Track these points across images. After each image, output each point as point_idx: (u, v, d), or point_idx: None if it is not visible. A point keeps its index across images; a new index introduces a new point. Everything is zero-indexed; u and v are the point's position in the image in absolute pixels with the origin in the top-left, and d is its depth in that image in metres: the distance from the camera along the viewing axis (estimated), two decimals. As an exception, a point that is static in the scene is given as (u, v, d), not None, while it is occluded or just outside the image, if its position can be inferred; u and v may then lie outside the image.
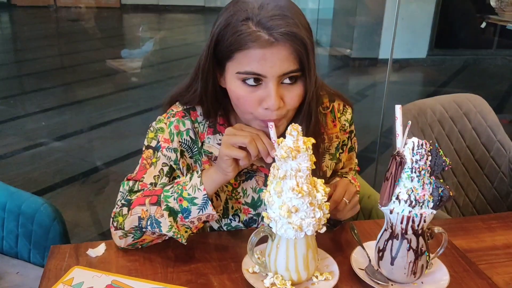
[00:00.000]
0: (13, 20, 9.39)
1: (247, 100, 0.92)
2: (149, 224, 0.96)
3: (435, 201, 0.87)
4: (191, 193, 0.94)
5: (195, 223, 0.96)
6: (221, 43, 0.92)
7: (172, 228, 0.95)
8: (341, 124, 1.16)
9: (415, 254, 0.91)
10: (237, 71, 0.91)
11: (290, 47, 0.88)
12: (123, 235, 1.00)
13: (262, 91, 0.91)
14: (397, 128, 0.90)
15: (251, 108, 0.93)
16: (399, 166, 0.87)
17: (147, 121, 1.13)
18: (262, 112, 0.92)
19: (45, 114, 4.33)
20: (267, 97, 0.91)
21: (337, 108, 1.15)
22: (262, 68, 0.89)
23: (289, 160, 0.83)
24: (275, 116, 0.92)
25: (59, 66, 6.31)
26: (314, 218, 0.85)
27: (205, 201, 0.93)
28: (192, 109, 1.06)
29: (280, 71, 0.89)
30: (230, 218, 1.12)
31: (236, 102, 0.95)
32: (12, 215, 1.35)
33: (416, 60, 6.59)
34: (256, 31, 0.87)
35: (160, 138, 1.04)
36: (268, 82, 0.90)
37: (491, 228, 1.18)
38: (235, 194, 1.09)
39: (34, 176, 3.13)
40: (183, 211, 0.94)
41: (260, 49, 0.87)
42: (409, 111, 1.71)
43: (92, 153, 3.63)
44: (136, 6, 9.92)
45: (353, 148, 1.24)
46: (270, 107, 0.91)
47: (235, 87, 0.93)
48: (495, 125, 1.80)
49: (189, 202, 0.94)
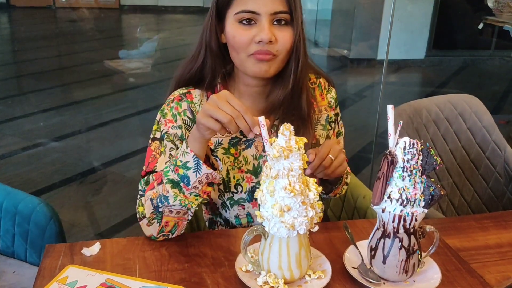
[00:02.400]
0: (11, 20, 9.39)
1: (242, 36, 1.03)
2: (159, 201, 1.01)
3: (426, 200, 0.88)
4: (183, 159, 0.98)
5: (199, 188, 0.99)
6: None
7: (177, 197, 0.99)
8: (327, 100, 1.25)
9: (407, 252, 0.91)
10: (235, 12, 1.03)
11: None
12: (148, 222, 1.04)
13: (256, 29, 1.03)
14: (389, 127, 0.91)
15: (245, 44, 1.03)
16: (391, 165, 0.88)
17: (145, 121, 1.16)
18: (255, 46, 1.03)
19: (43, 114, 4.33)
20: (260, 31, 1.02)
21: (323, 85, 1.25)
22: (255, 5, 1.02)
23: (281, 159, 0.84)
24: (266, 48, 1.02)
25: (57, 66, 6.31)
26: (307, 217, 0.86)
27: (196, 162, 0.96)
28: (188, 93, 1.15)
29: (271, 9, 1.02)
30: (232, 191, 1.15)
31: (232, 43, 1.05)
32: (9, 214, 1.36)
33: (414, 61, 6.61)
34: None
35: (163, 126, 1.12)
36: (261, 20, 1.02)
37: (484, 228, 1.19)
38: (237, 163, 1.14)
39: (31, 176, 3.13)
40: (182, 178, 0.98)
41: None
42: (404, 111, 1.72)
43: (90, 153, 3.63)
44: (135, 7, 9.93)
45: (341, 132, 1.30)
46: (263, 39, 1.01)
47: (233, 28, 1.04)
48: (490, 125, 1.81)
49: (184, 168, 0.97)
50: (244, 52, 1.04)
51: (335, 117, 1.27)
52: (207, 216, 1.26)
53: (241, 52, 1.05)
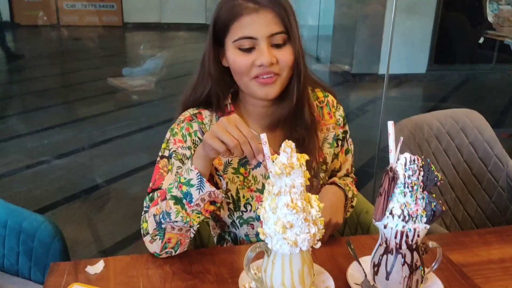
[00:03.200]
0: (16, 39, 9.49)
1: (242, 62, 1.06)
2: (162, 218, 1.02)
3: (428, 216, 0.88)
4: (187, 176, 0.99)
5: (201, 206, 1.00)
6: (219, 22, 1.08)
7: (179, 214, 1.00)
8: (336, 118, 1.27)
9: (410, 268, 0.91)
10: (233, 40, 1.06)
11: (273, 11, 1.05)
12: (151, 239, 1.05)
13: (255, 53, 1.06)
14: (390, 144, 0.92)
15: (247, 69, 1.06)
16: (392, 181, 0.88)
17: (148, 138, 1.17)
18: (257, 69, 1.06)
19: (47, 132, 4.36)
20: (260, 55, 1.05)
21: (331, 103, 1.27)
22: (252, 31, 1.04)
23: (283, 176, 0.85)
24: (268, 70, 1.05)
25: (61, 84, 6.37)
26: (309, 234, 0.86)
27: (200, 180, 0.98)
28: (199, 113, 1.17)
29: (268, 32, 1.04)
30: (242, 210, 1.16)
31: (234, 68, 1.09)
32: (13, 232, 1.36)
33: (416, 75, 6.63)
34: (244, 3, 1.05)
35: (171, 145, 1.13)
36: (260, 44, 1.05)
37: (487, 242, 1.19)
38: (247, 182, 1.16)
39: (35, 194, 3.14)
40: (185, 195, 0.99)
41: (248, 16, 1.04)
42: (406, 126, 1.73)
43: (93, 170, 3.65)
44: (138, 24, 10.03)
45: (349, 150, 1.32)
46: (263, 63, 1.04)
47: (233, 55, 1.07)
48: (492, 139, 1.82)
49: (187, 185, 0.99)
50: (246, 76, 1.08)
51: (343, 134, 1.29)
52: (216, 232, 1.27)
53: (243, 76, 1.08)
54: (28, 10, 9.37)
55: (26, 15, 9.35)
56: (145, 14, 9.91)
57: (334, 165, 1.30)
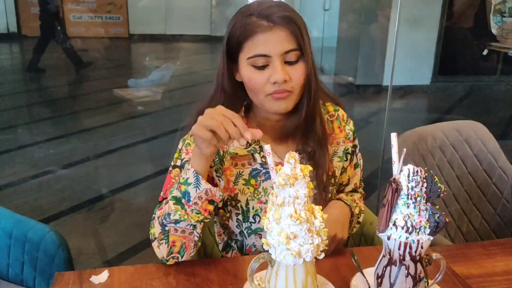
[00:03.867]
0: (23, 50, 9.58)
1: (257, 79, 1.07)
2: (163, 218, 1.05)
3: (431, 227, 0.89)
4: (184, 176, 1.02)
5: (199, 204, 1.02)
6: (232, 39, 1.09)
7: (178, 212, 1.03)
8: (345, 132, 1.28)
9: (414, 280, 0.91)
10: (247, 57, 1.07)
11: (287, 29, 1.06)
12: (158, 243, 1.07)
13: (269, 70, 1.07)
14: (393, 155, 0.92)
15: (261, 86, 1.08)
16: (395, 192, 0.89)
17: (153, 149, 1.18)
18: (271, 87, 1.07)
19: (53, 142, 4.38)
20: (274, 73, 1.06)
21: (342, 117, 1.29)
22: (266, 49, 1.05)
23: (287, 187, 0.85)
24: (284, 88, 1.07)
25: (67, 95, 6.41)
26: (313, 245, 0.87)
27: (196, 177, 1.00)
28: None
29: (281, 50, 1.05)
30: (250, 221, 1.17)
31: (248, 85, 1.10)
32: (18, 242, 1.37)
33: (420, 87, 6.64)
34: (257, 20, 1.06)
35: (184, 155, 1.16)
36: (274, 61, 1.06)
37: (491, 254, 1.19)
38: (257, 194, 1.17)
39: (40, 204, 3.15)
40: (183, 195, 1.02)
41: (262, 34, 1.05)
42: (410, 138, 1.73)
43: (98, 181, 3.66)
44: (144, 36, 10.10)
45: (358, 164, 1.33)
46: (277, 80, 1.05)
47: (247, 72, 1.08)
48: (496, 151, 1.82)
49: (185, 184, 1.02)
50: (261, 93, 1.09)
51: (353, 148, 1.30)
52: (223, 238, 1.28)
53: (258, 93, 1.10)
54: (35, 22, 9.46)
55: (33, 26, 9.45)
56: (150, 26, 9.99)
57: (342, 179, 1.31)
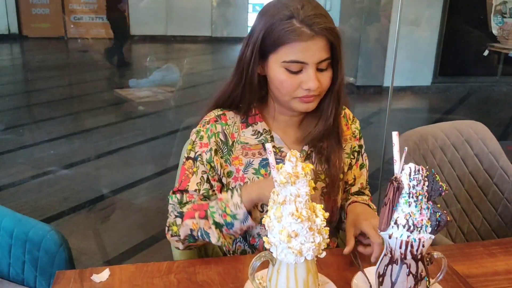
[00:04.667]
0: (24, 51, 9.60)
1: (289, 83, 1.09)
2: (200, 235, 1.09)
3: (433, 226, 0.89)
4: (234, 211, 1.06)
5: (238, 232, 1.09)
6: (268, 38, 1.08)
7: (220, 238, 1.08)
8: (352, 130, 1.31)
9: (415, 279, 0.91)
10: (282, 60, 1.08)
11: (326, 39, 1.08)
12: (179, 240, 1.13)
13: (302, 75, 1.09)
14: (394, 154, 0.92)
15: (292, 90, 1.10)
16: (397, 191, 0.89)
17: (153, 149, 1.19)
18: (302, 92, 1.10)
19: (54, 142, 4.39)
20: (308, 80, 1.08)
21: (348, 116, 1.32)
22: (305, 56, 1.07)
23: (288, 185, 0.85)
24: (313, 93, 1.10)
25: (68, 95, 6.42)
26: (314, 243, 0.87)
27: (246, 216, 1.06)
28: (223, 114, 1.22)
29: (318, 58, 1.08)
30: (258, 210, 1.17)
31: (278, 86, 1.12)
32: (19, 241, 1.37)
33: (421, 87, 6.64)
34: (300, 27, 1.06)
35: (197, 148, 1.19)
36: (308, 68, 1.08)
37: (492, 254, 1.18)
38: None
39: (41, 204, 3.15)
40: (228, 225, 1.07)
41: (303, 42, 1.06)
42: (410, 138, 1.73)
43: (99, 181, 3.66)
44: (144, 37, 10.12)
45: (364, 165, 1.34)
46: (311, 88, 1.08)
47: (279, 73, 1.10)
48: (497, 151, 1.82)
49: (232, 217, 1.06)
50: (290, 95, 1.12)
51: (359, 148, 1.32)
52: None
53: (286, 95, 1.12)
54: (36, 23, 9.49)
55: (34, 27, 9.47)
56: (151, 27, 10.00)
57: (347, 177, 1.32)
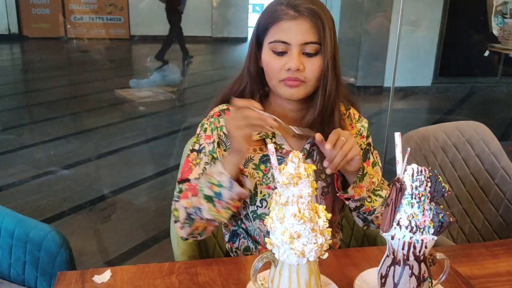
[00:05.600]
0: (24, 51, 9.59)
1: (274, 64, 1.12)
2: (194, 212, 1.11)
3: (435, 227, 0.88)
4: (218, 179, 1.07)
5: (230, 203, 1.08)
6: (260, 24, 1.16)
7: (211, 211, 1.09)
8: (357, 128, 1.29)
9: (417, 280, 0.91)
10: (269, 41, 1.13)
11: (310, 21, 1.10)
12: (181, 225, 1.15)
13: (286, 58, 1.11)
14: (396, 155, 0.92)
15: (277, 71, 1.12)
16: (399, 192, 0.88)
17: (154, 149, 1.19)
18: (285, 73, 1.12)
19: (54, 143, 4.39)
20: (289, 60, 1.11)
21: (353, 116, 1.31)
22: (287, 36, 1.10)
23: (290, 186, 0.85)
24: (295, 76, 1.11)
25: (68, 96, 6.41)
26: (316, 244, 0.86)
27: (231, 182, 1.06)
28: (227, 109, 1.24)
29: (301, 40, 1.10)
30: (257, 205, 1.19)
31: (266, 69, 1.16)
32: (20, 242, 1.37)
33: (421, 88, 6.64)
34: (285, 9, 1.11)
35: (202, 140, 1.21)
36: (292, 49, 1.11)
37: (495, 255, 1.18)
38: (266, 179, 1.19)
39: (42, 204, 3.15)
40: (217, 195, 1.07)
41: (287, 21, 1.10)
42: (412, 138, 1.73)
43: (99, 181, 3.66)
44: (145, 37, 10.11)
45: (376, 162, 1.32)
46: (291, 67, 1.10)
47: (267, 56, 1.14)
48: (498, 152, 1.81)
49: (218, 186, 1.07)
50: (275, 78, 1.14)
51: (367, 146, 1.30)
52: (230, 228, 1.29)
53: (273, 78, 1.14)
54: (36, 23, 9.48)
55: (34, 27, 9.46)
56: (151, 27, 9.98)
57: None
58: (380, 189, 1.21)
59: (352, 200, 1.17)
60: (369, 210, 1.19)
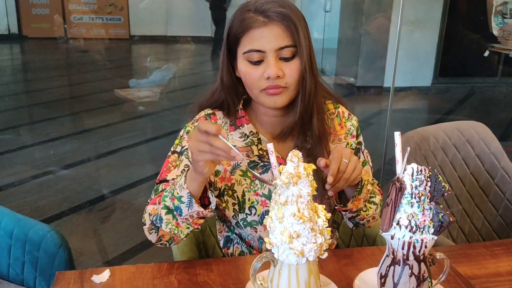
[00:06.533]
0: (24, 51, 9.58)
1: (252, 75, 1.09)
2: (155, 220, 1.07)
3: (435, 227, 0.88)
4: (179, 192, 1.01)
5: (189, 220, 1.04)
6: (231, 33, 1.11)
7: (168, 225, 1.04)
8: (347, 128, 1.27)
9: (417, 280, 0.91)
10: (243, 51, 1.09)
11: (282, 25, 1.07)
12: (148, 229, 1.10)
13: (263, 66, 1.08)
14: (396, 154, 0.92)
15: (256, 81, 1.09)
16: (399, 191, 0.88)
17: (153, 149, 1.18)
18: (265, 82, 1.08)
19: (53, 143, 4.38)
20: (267, 68, 1.07)
21: (342, 114, 1.27)
22: (260, 44, 1.07)
23: (290, 186, 0.85)
24: (276, 83, 1.07)
25: (68, 96, 6.41)
26: (316, 244, 0.86)
27: (190, 199, 1.00)
28: (213, 114, 1.22)
29: (276, 46, 1.07)
30: (246, 213, 1.17)
31: (244, 80, 1.12)
32: (19, 242, 1.36)
33: (421, 88, 6.64)
34: (254, 16, 1.08)
35: (184, 142, 1.18)
36: (268, 57, 1.07)
37: (495, 255, 1.18)
38: (253, 186, 1.17)
39: (41, 204, 3.15)
40: (176, 209, 1.02)
41: (257, 29, 1.07)
42: (412, 138, 1.73)
43: (98, 181, 3.65)
44: (144, 37, 10.11)
45: (367, 161, 1.29)
46: (270, 75, 1.07)
47: (243, 66, 1.10)
48: (498, 152, 1.81)
49: (178, 200, 1.01)
50: (256, 88, 1.11)
51: (358, 145, 1.27)
52: (224, 234, 1.27)
53: (253, 88, 1.11)
54: (36, 23, 9.47)
55: (33, 27, 9.46)
56: (151, 27, 9.99)
57: None
58: (374, 195, 1.21)
59: (350, 212, 1.17)
60: (363, 218, 1.20)
